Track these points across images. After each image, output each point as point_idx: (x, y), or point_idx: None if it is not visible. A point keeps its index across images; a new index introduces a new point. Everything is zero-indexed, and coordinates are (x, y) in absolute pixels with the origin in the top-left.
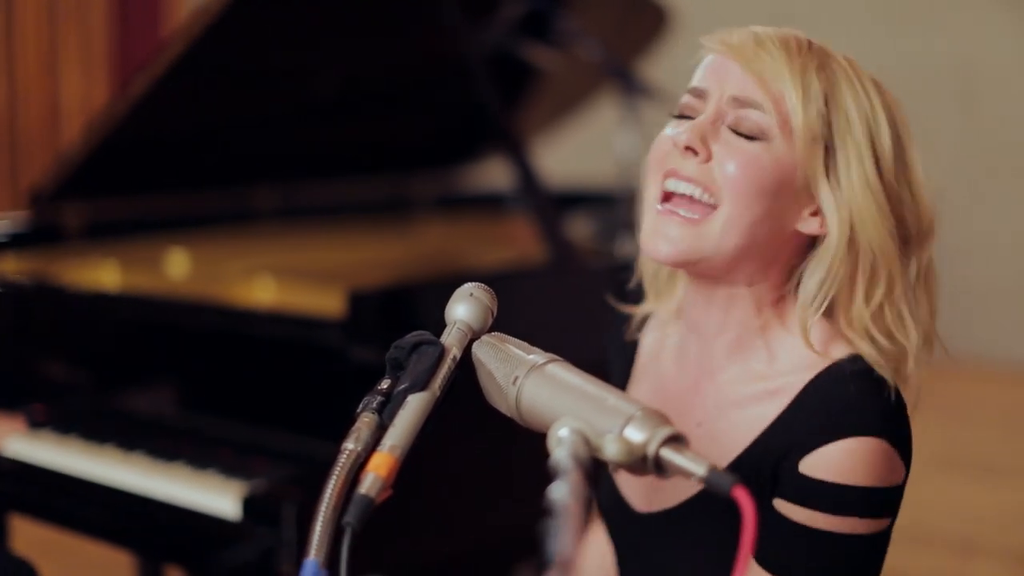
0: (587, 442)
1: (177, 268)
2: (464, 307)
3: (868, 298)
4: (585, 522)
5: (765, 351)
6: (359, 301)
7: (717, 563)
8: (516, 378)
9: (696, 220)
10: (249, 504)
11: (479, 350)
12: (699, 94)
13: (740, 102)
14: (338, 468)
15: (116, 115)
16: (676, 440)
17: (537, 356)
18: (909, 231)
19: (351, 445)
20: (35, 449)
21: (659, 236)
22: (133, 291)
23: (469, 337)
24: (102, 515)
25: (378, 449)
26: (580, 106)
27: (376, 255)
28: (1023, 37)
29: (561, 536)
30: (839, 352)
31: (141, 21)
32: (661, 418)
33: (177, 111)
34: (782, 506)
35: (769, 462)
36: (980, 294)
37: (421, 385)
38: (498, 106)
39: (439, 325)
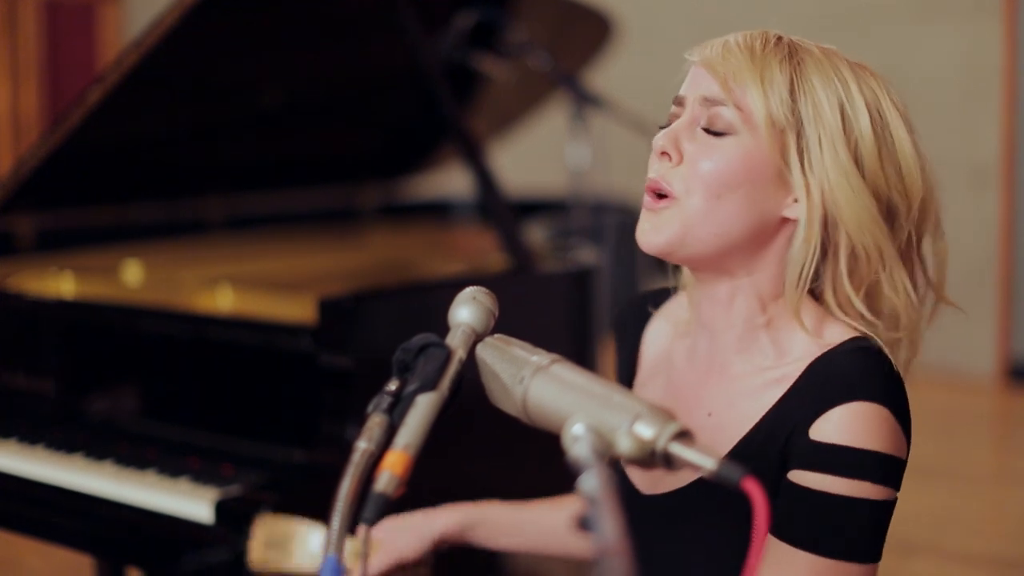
0: (600, 438)
1: (133, 278)
2: (467, 310)
3: (852, 275)
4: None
5: (772, 348)
6: (329, 308)
7: (723, 544)
8: (522, 378)
9: (671, 204)
10: (222, 508)
11: (483, 351)
12: (679, 102)
13: (709, 102)
14: (352, 467)
15: (66, 128)
16: (684, 435)
17: (541, 356)
18: (897, 208)
19: (364, 444)
20: (1, 460)
21: (646, 229)
22: (97, 300)
23: (473, 339)
24: (72, 524)
25: (391, 448)
26: (528, 116)
27: (328, 264)
28: (952, 46)
29: (603, 526)
30: (838, 336)
31: (72, 30)
32: (668, 414)
33: (129, 123)
34: (797, 476)
35: (775, 444)
36: None
37: (430, 385)
38: (458, 114)
39: (409, 332)
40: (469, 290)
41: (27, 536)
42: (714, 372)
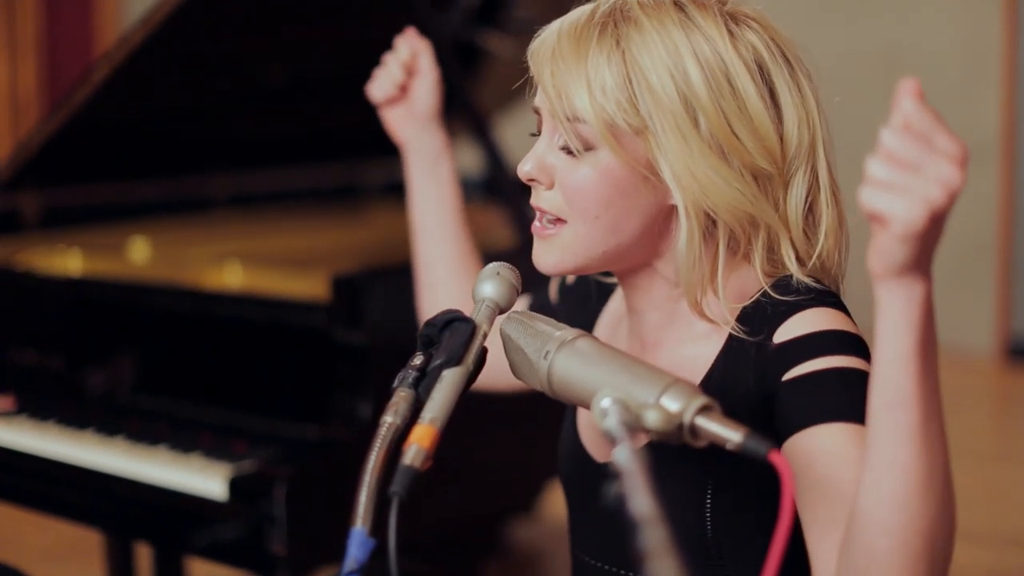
0: (628, 410)
1: (140, 255)
2: (491, 285)
3: (747, 254)
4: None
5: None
6: (343, 284)
7: (675, 505)
8: (547, 352)
9: (556, 229)
10: (236, 485)
11: (507, 326)
12: (536, 111)
13: (558, 118)
14: (379, 440)
15: (73, 104)
16: (708, 409)
17: (566, 331)
18: (767, 168)
19: (390, 418)
20: (12, 436)
21: (539, 254)
22: (107, 277)
23: (496, 314)
24: (84, 500)
25: (419, 421)
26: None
27: (335, 241)
28: (951, 22)
29: (638, 496)
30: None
31: (71, 7)
32: (693, 388)
33: (136, 100)
34: (788, 375)
35: (738, 383)
36: None
37: (456, 360)
38: (468, 91)
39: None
40: (492, 265)
41: (38, 512)
42: (649, 346)
